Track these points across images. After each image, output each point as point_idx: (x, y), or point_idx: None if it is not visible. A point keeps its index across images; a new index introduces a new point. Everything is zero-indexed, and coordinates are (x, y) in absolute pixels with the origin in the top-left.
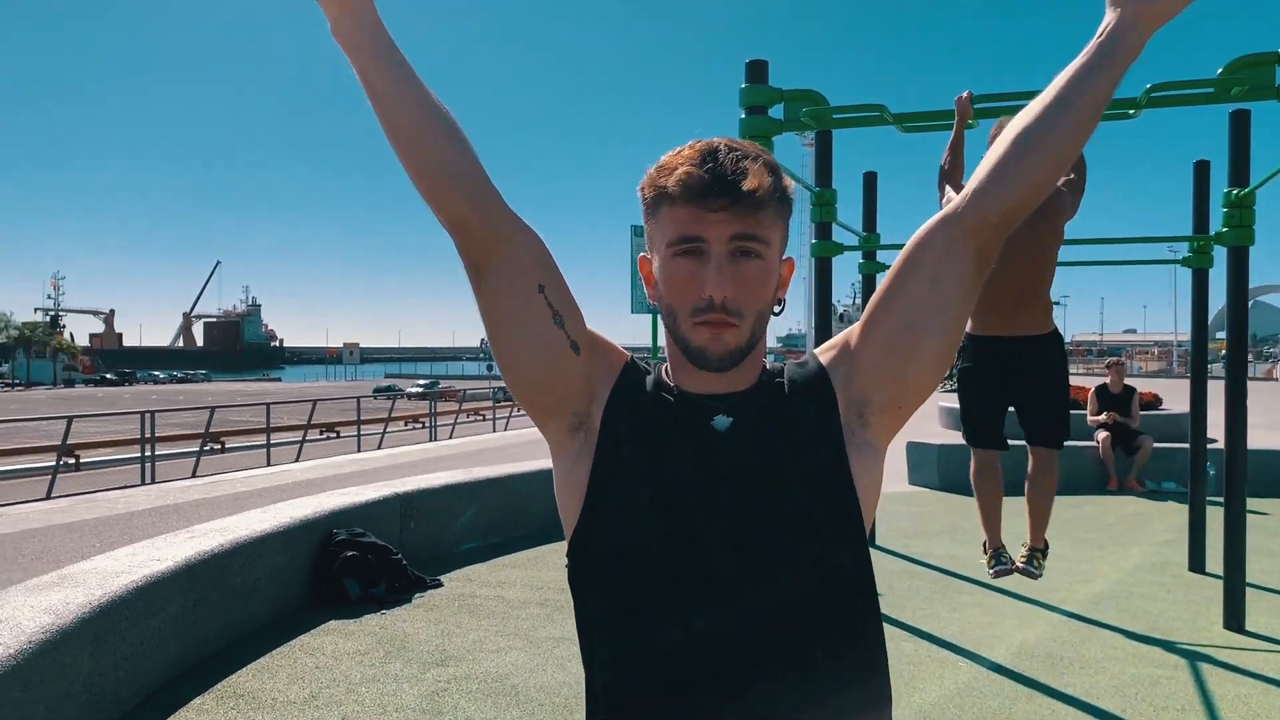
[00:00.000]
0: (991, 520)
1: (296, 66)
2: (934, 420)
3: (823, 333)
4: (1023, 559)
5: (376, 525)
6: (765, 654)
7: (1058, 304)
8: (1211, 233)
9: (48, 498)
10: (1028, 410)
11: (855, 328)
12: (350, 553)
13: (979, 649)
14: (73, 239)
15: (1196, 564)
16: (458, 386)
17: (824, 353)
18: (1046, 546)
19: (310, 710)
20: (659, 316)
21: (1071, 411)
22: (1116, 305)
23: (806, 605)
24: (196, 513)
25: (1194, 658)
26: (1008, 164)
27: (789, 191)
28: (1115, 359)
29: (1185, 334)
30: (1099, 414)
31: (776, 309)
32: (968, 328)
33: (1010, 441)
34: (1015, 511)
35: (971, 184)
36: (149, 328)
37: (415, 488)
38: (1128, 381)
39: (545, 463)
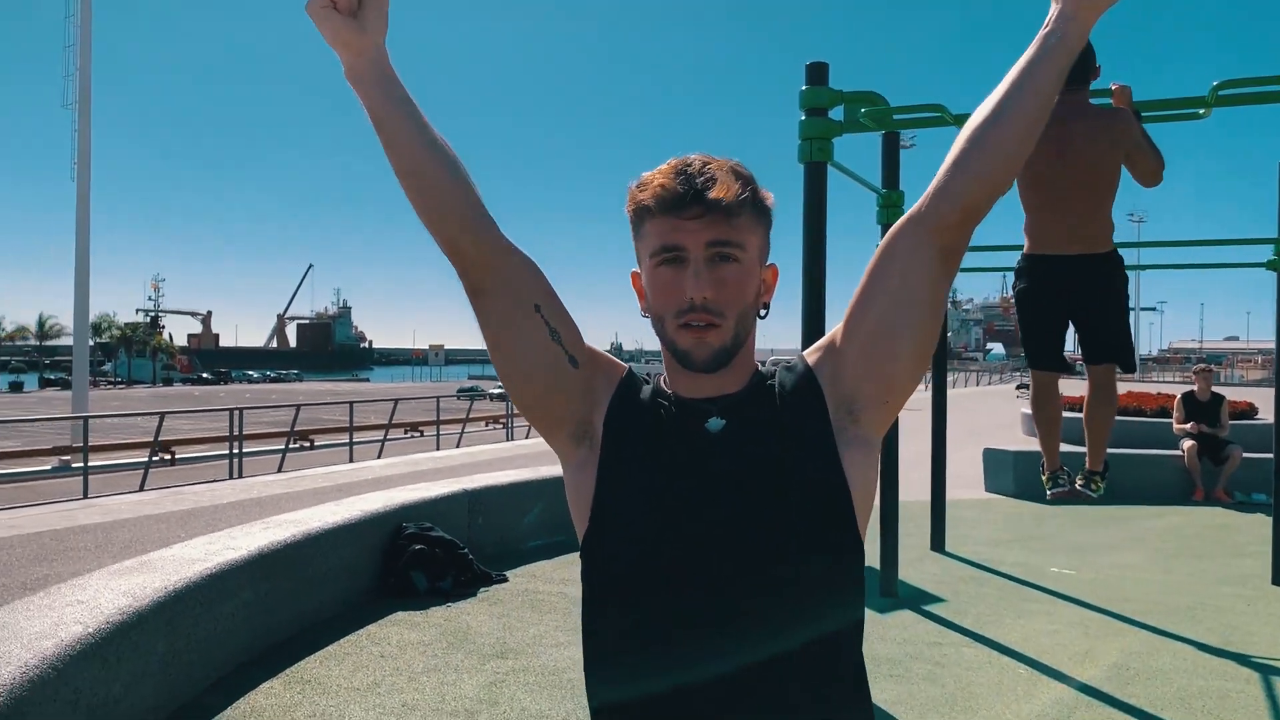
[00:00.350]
0: (1050, 443)
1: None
2: (1015, 427)
3: None
4: (1080, 481)
5: (445, 520)
6: (757, 645)
7: (1154, 310)
8: None
9: (140, 490)
10: (1086, 329)
11: (839, 328)
12: (418, 546)
13: (1041, 656)
14: (172, 242)
15: None
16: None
17: (811, 354)
18: (1106, 468)
19: (372, 697)
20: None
21: (1134, 418)
22: (1217, 311)
23: (798, 597)
24: (278, 506)
25: (1268, 671)
26: (963, 162)
27: (766, 202)
28: (1202, 365)
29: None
30: (1185, 422)
31: (762, 312)
32: (1025, 248)
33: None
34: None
35: (932, 184)
36: (244, 329)
37: (483, 484)
38: (1219, 389)
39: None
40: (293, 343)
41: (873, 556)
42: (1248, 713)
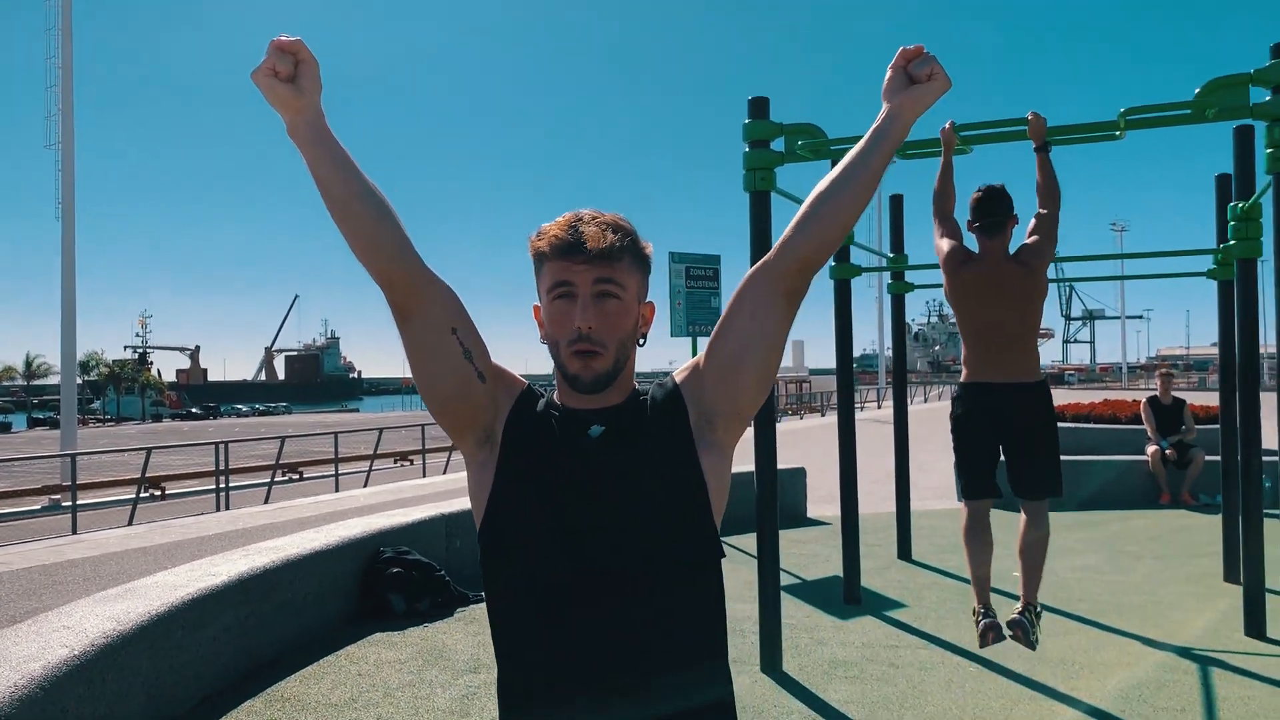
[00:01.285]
0: (982, 579)
1: (359, 93)
2: None
3: (844, 354)
4: (1017, 616)
5: (423, 544)
6: (626, 605)
7: (1140, 318)
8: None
9: (129, 525)
10: (1016, 459)
11: (703, 353)
12: (395, 570)
13: (991, 655)
14: (159, 278)
15: (1232, 574)
16: None
17: (681, 373)
18: (1040, 609)
19: (349, 712)
20: (551, 350)
21: (1107, 425)
22: (1203, 318)
23: (663, 566)
24: (262, 536)
25: (1206, 662)
26: (803, 226)
27: (644, 251)
28: (1164, 369)
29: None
30: (1156, 426)
31: (640, 341)
32: (961, 376)
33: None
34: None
35: (781, 238)
36: (233, 363)
37: (461, 508)
38: (1206, 395)
39: None
40: (281, 375)
41: (836, 566)
42: (1181, 700)
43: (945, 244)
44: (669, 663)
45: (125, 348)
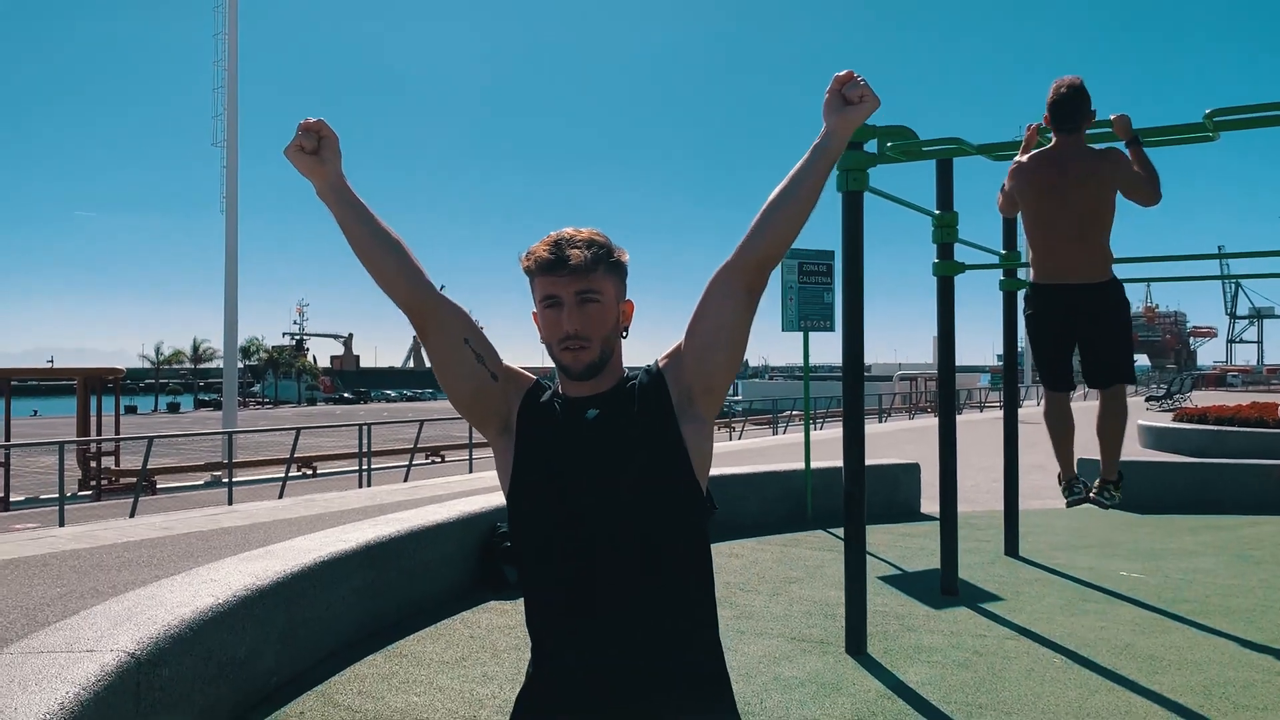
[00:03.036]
0: (1064, 454)
1: (485, 81)
2: (1132, 439)
3: (946, 350)
4: (1094, 490)
5: None
6: (615, 562)
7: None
8: None
9: (279, 499)
10: (1088, 353)
11: (682, 339)
12: (510, 544)
13: (1080, 649)
14: (316, 268)
15: None
16: None
17: (663, 359)
18: (1120, 478)
19: (458, 669)
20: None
21: (1255, 429)
22: None
23: (648, 524)
24: (395, 510)
25: None
26: (757, 230)
27: (620, 259)
28: None
29: None
30: None
31: (624, 334)
32: (1030, 276)
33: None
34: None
35: (741, 240)
36: (383, 350)
37: None
38: None
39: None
40: (428, 363)
41: (935, 559)
42: (1267, 700)
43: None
44: (656, 597)
45: (284, 334)
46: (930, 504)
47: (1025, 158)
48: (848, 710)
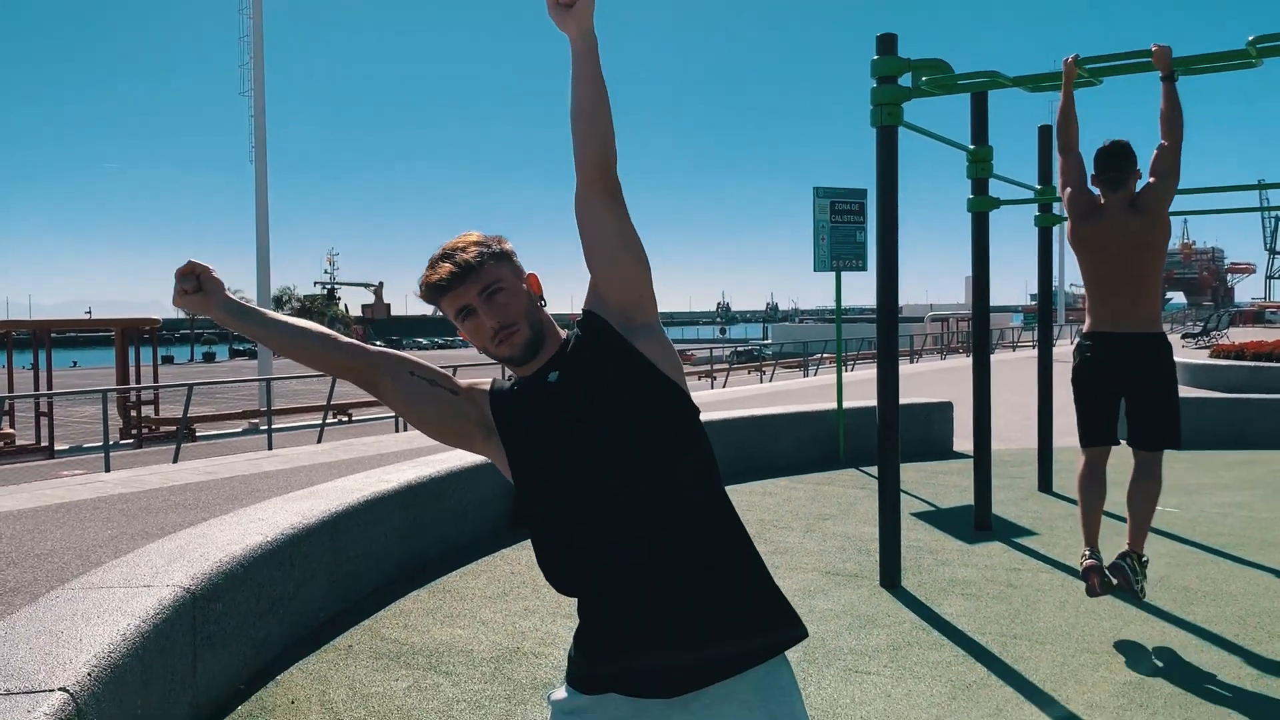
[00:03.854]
0: (1092, 523)
1: (505, 32)
2: None
3: (981, 287)
4: (1118, 561)
5: None
6: (624, 490)
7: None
8: None
9: (318, 442)
10: (1134, 409)
11: (590, 274)
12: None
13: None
14: (346, 217)
15: None
16: (691, 350)
17: (586, 303)
18: (1145, 558)
19: (500, 603)
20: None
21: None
22: None
23: (643, 442)
24: (433, 453)
25: None
26: (575, 142)
27: (503, 248)
28: None
29: None
30: None
31: (542, 303)
32: (1084, 326)
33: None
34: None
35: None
36: (414, 298)
37: None
38: None
39: (741, 410)
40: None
41: (968, 496)
42: None
43: (1068, 190)
44: (670, 505)
45: (315, 284)
46: (963, 442)
47: (1077, 219)
48: (884, 641)
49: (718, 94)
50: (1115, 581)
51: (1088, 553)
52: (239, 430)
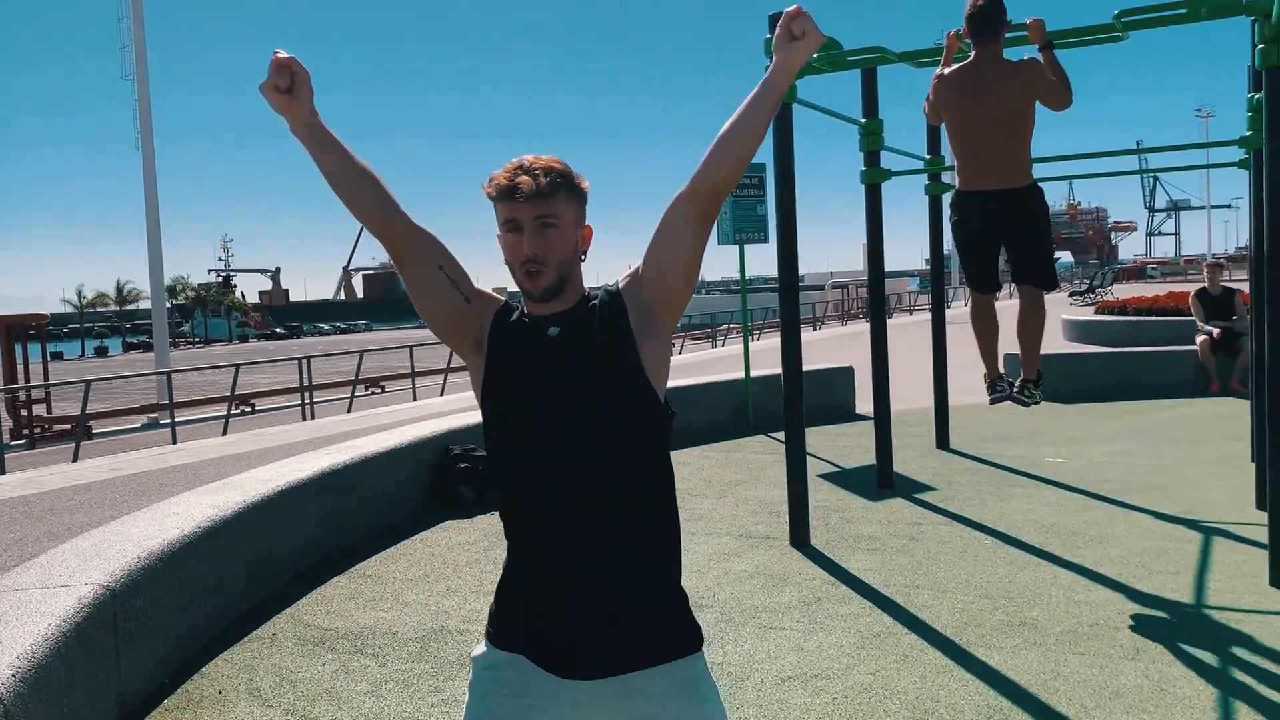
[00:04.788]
0: (988, 354)
1: (419, 22)
2: (1056, 334)
3: (875, 257)
4: (1016, 388)
5: None
6: (581, 469)
7: (1228, 207)
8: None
9: (224, 434)
10: (1012, 253)
11: (641, 261)
12: (464, 465)
13: (1009, 530)
14: (239, 202)
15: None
16: None
17: (623, 279)
18: (1040, 378)
19: (423, 585)
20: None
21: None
22: None
23: (612, 432)
24: (345, 440)
25: (1211, 533)
26: (713, 156)
27: (579, 184)
28: (1212, 261)
29: None
30: (1205, 319)
31: (582, 257)
32: (956, 183)
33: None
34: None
35: (697, 170)
36: (313, 283)
37: None
38: (1227, 284)
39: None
40: (360, 294)
41: (871, 456)
42: (1178, 564)
43: (934, 77)
44: (622, 500)
45: (209, 271)
46: (865, 405)
47: (946, 70)
48: (795, 598)
49: (624, 61)
50: (1011, 388)
51: (990, 377)
52: (139, 425)
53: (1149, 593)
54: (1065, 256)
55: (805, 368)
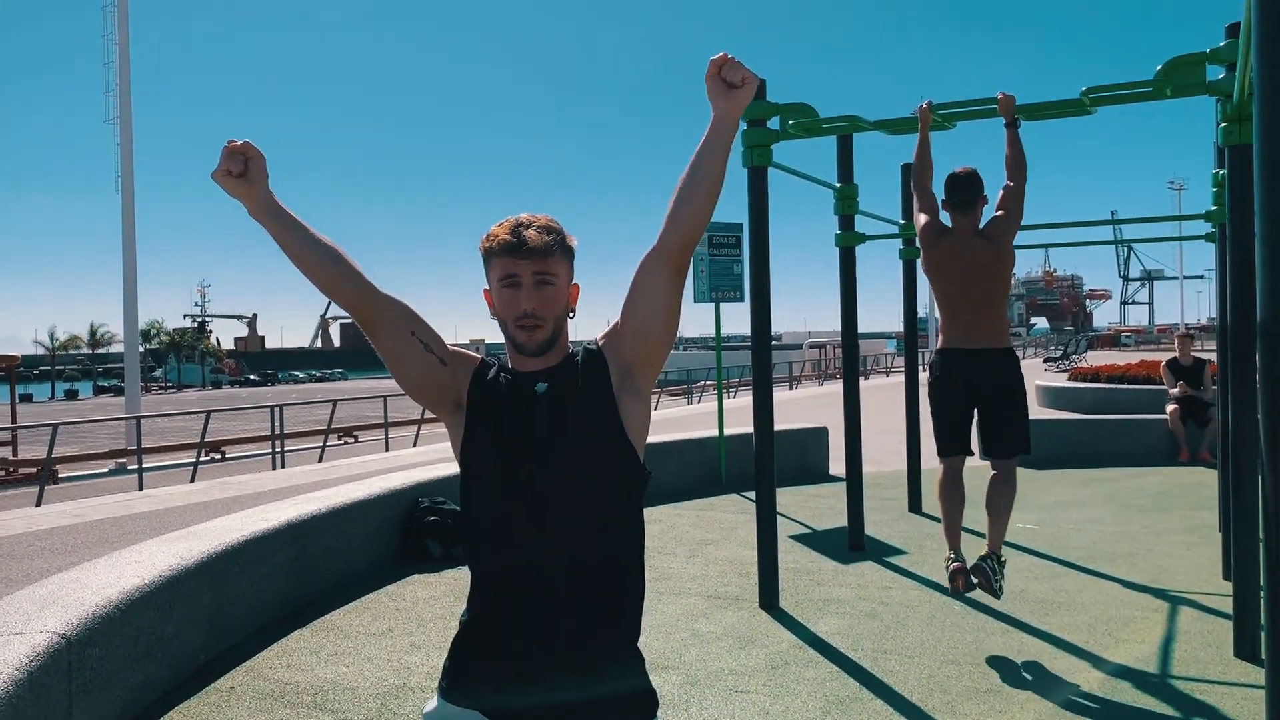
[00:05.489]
0: (953, 529)
1: (326, 66)
2: (1032, 399)
3: (849, 319)
4: (984, 568)
5: (458, 495)
6: (560, 526)
7: (1200, 278)
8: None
9: (192, 482)
10: (987, 421)
11: (619, 319)
12: (432, 518)
13: (977, 596)
14: (217, 248)
15: (1227, 525)
16: None
17: (602, 338)
18: (1003, 559)
19: (386, 640)
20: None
21: (1143, 386)
22: None
23: (590, 491)
24: (314, 490)
25: (1178, 602)
26: (672, 215)
27: (570, 244)
28: (1183, 332)
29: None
30: (1174, 386)
31: (571, 315)
32: (938, 343)
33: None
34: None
35: (661, 228)
36: (289, 330)
37: None
38: (1198, 354)
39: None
40: (337, 342)
41: (843, 518)
42: (1144, 634)
43: (922, 219)
44: (592, 551)
45: (185, 316)
46: (838, 466)
47: (927, 226)
48: (762, 660)
49: (599, 122)
50: (976, 581)
51: (951, 556)
52: (105, 470)
53: (1116, 661)
54: (1041, 323)
55: (780, 427)
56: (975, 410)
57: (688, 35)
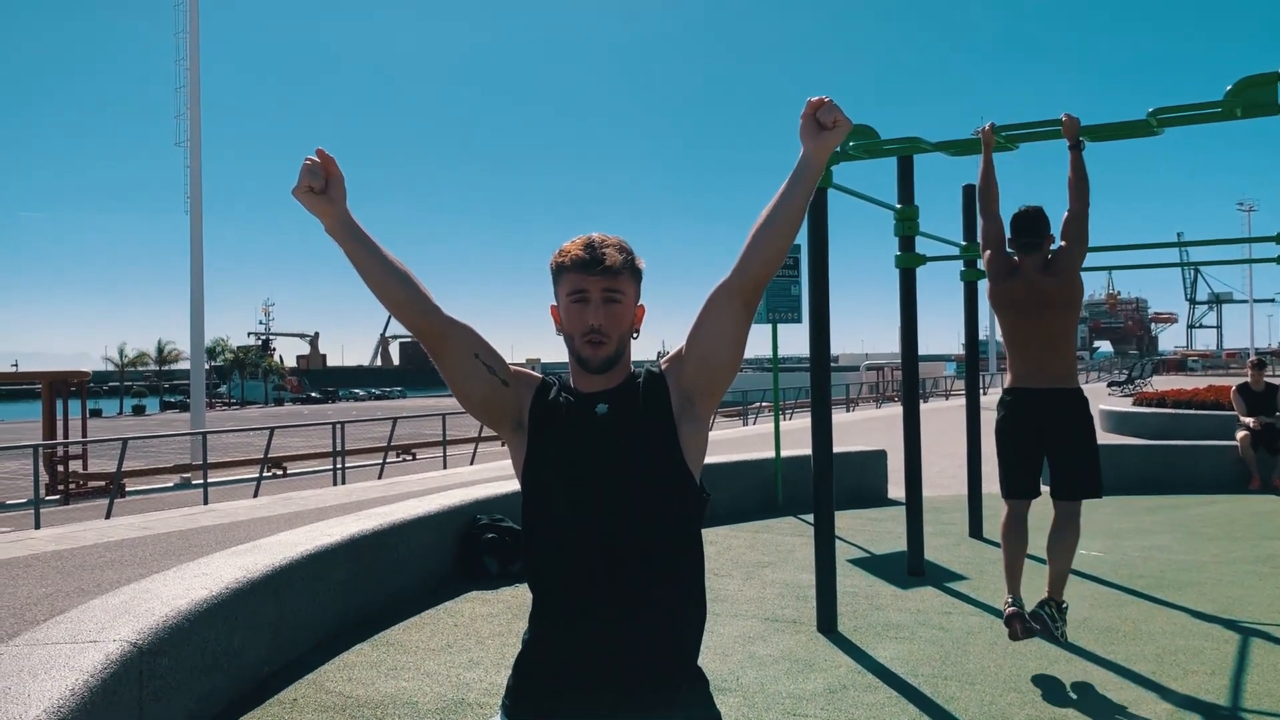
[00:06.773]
0: (1014, 572)
1: (423, 73)
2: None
3: (909, 341)
4: (1037, 609)
5: (516, 513)
6: (623, 549)
7: (1271, 301)
8: None
9: (255, 496)
10: (1055, 462)
11: (684, 345)
12: (490, 535)
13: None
14: (281, 267)
15: None
16: None
17: (666, 362)
18: (1064, 605)
19: (445, 655)
20: (564, 341)
21: (1211, 412)
22: None
23: (650, 515)
24: (374, 506)
25: (1248, 634)
26: (749, 249)
27: (639, 265)
28: (1256, 358)
29: None
30: (1247, 413)
31: (635, 335)
32: (1005, 382)
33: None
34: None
35: (737, 260)
36: (350, 349)
37: None
38: (1270, 380)
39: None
40: (396, 360)
41: (901, 542)
42: (1214, 666)
43: (987, 254)
44: (653, 574)
45: (249, 334)
46: (897, 489)
47: (994, 260)
48: (820, 685)
49: (668, 144)
50: (1036, 628)
51: (1010, 600)
52: (171, 485)
53: (1183, 693)
54: (1105, 346)
55: (838, 450)
56: (1044, 451)
57: (750, 67)
